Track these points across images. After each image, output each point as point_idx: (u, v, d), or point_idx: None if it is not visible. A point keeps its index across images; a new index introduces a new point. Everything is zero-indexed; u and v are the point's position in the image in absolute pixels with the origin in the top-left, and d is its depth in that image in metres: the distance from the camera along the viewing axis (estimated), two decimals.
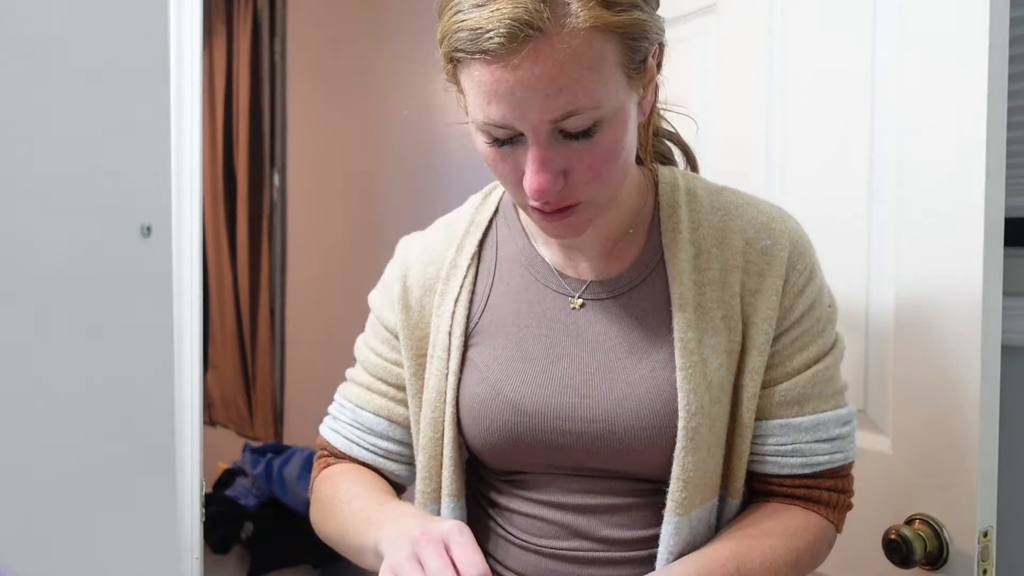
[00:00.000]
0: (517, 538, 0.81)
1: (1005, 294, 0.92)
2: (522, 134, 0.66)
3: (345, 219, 2.75)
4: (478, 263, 0.84)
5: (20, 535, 0.42)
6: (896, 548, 0.94)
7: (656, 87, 0.76)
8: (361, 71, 2.63)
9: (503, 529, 0.82)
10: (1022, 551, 1.26)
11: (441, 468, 0.81)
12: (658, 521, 0.75)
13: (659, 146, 0.89)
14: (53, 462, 0.44)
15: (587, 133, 0.65)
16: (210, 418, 3.54)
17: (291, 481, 2.58)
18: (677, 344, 0.74)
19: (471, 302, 0.82)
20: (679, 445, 0.72)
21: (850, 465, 0.81)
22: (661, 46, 0.72)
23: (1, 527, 0.42)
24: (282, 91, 3.12)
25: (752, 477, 0.80)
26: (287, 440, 3.09)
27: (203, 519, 1.41)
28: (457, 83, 0.69)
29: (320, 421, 0.93)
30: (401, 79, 2.42)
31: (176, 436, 1.35)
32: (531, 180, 0.66)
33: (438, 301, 0.82)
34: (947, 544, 0.92)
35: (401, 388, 0.86)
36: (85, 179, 0.45)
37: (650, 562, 0.76)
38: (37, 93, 0.43)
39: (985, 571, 0.90)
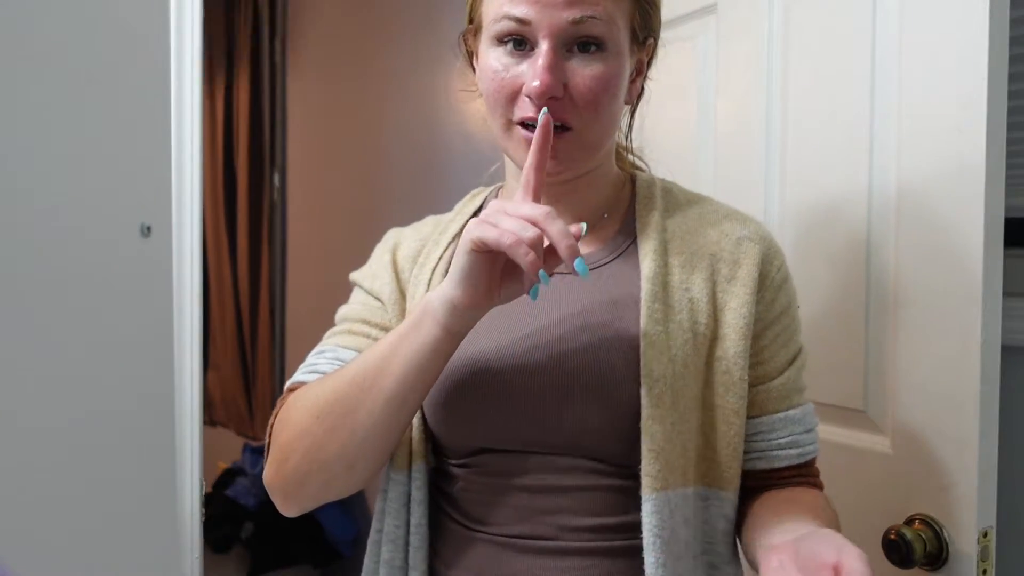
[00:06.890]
0: (471, 528, 0.79)
1: (1005, 294, 0.92)
2: (532, 49, 0.74)
3: (345, 219, 2.75)
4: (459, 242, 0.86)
5: (20, 535, 0.42)
6: (896, 548, 0.94)
7: (642, 89, 0.85)
8: (361, 71, 2.63)
9: (457, 524, 0.80)
10: (1022, 551, 1.26)
11: (411, 430, 0.80)
12: (626, 509, 0.74)
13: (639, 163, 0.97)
14: (53, 462, 0.44)
15: (592, 50, 0.73)
16: (210, 418, 3.53)
17: None
18: (644, 313, 0.74)
19: (447, 272, 0.81)
20: (644, 413, 0.71)
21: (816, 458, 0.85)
22: (655, 44, 0.83)
23: (1, 527, 0.42)
24: (282, 91, 3.11)
25: (748, 476, 0.80)
26: None
27: (203, 519, 1.41)
28: (475, 24, 0.79)
29: None
30: (401, 79, 2.42)
31: (176, 436, 1.35)
32: (538, 77, 0.71)
33: (418, 271, 0.86)
34: (947, 544, 0.92)
35: (383, 328, 0.85)
36: (85, 179, 0.45)
37: (623, 554, 0.74)
38: (37, 93, 0.43)
39: (985, 571, 0.90)
